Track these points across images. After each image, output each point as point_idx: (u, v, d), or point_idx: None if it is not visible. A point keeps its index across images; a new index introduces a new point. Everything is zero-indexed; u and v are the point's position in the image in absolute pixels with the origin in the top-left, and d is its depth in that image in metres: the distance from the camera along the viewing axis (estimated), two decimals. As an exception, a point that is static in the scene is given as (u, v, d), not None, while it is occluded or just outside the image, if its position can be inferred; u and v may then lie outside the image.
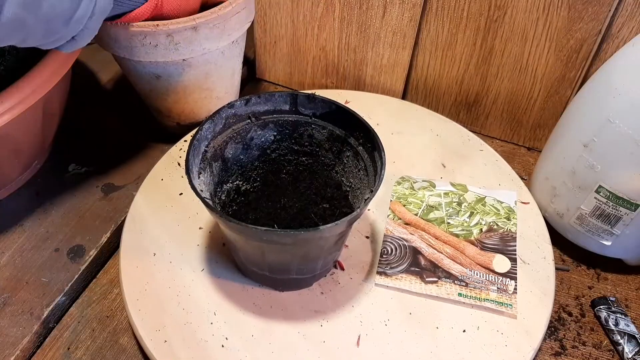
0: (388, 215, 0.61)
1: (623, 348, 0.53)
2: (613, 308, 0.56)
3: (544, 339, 0.54)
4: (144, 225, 0.58)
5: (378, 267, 0.56)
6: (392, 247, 0.57)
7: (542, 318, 0.53)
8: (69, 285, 0.56)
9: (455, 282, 0.54)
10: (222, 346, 0.49)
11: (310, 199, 0.57)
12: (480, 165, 0.67)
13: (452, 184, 0.64)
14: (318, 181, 0.56)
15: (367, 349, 0.49)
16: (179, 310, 0.51)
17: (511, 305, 0.53)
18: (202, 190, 0.48)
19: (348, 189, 0.54)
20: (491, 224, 0.60)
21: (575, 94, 0.64)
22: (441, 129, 0.72)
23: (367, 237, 0.59)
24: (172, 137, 0.69)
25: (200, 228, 0.58)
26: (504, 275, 0.55)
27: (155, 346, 0.48)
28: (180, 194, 0.62)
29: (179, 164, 0.65)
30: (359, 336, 0.50)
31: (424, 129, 0.71)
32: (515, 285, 0.55)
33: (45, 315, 0.53)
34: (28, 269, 0.57)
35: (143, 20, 0.55)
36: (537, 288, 0.55)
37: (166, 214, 0.59)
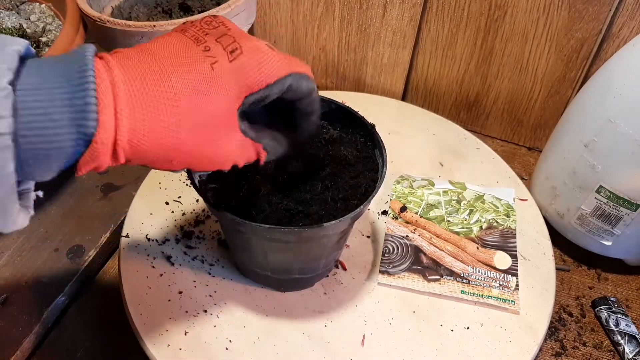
0: (388, 214, 0.61)
1: (624, 348, 0.54)
2: (614, 308, 0.56)
3: (545, 340, 0.54)
4: (143, 229, 0.58)
5: (380, 266, 0.56)
6: (394, 245, 0.57)
7: (544, 314, 0.53)
8: (69, 285, 0.55)
9: (458, 279, 0.54)
10: (227, 349, 0.49)
11: (308, 199, 0.56)
12: (478, 163, 0.68)
13: (451, 182, 0.64)
14: (316, 180, 0.56)
15: (372, 348, 0.49)
16: (182, 314, 0.51)
17: (513, 301, 0.53)
18: (203, 189, 0.47)
19: (347, 187, 0.54)
20: (491, 221, 0.60)
21: (576, 94, 0.65)
22: (437, 128, 0.72)
23: (368, 237, 0.59)
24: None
25: (200, 231, 0.58)
26: (505, 271, 0.56)
27: (159, 350, 0.48)
28: (179, 196, 0.61)
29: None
30: (364, 335, 0.50)
31: (420, 129, 0.72)
32: (517, 282, 0.55)
33: (45, 315, 0.53)
34: (28, 269, 0.56)
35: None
36: (538, 284, 0.55)
37: (165, 217, 0.59)
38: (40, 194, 0.36)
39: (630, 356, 0.53)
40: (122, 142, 0.31)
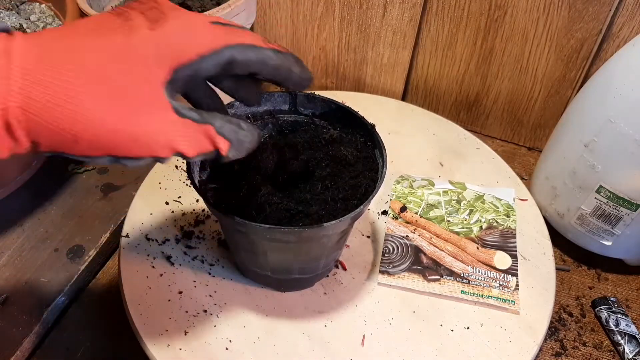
0: (388, 214, 0.61)
1: (624, 348, 0.54)
2: (614, 308, 0.56)
3: (545, 340, 0.54)
4: (143, 229, 0.58)
5: (380, 266, 0.56)
6: (394, 245, 0.57)
7: (544, 314, 0.53)
8: (69, 285, 0.55)
9: (458, 279, 0.55)
10: (227, 349, 0.48)
11: (308, 199, 0.56)
12: (478, 163, 0.68)
13: (451, 182, 0.64)
14: (316, 180, 0.56)
15: (372, 348, 0.49)
16: (182, 314, 0.51)
17: (513, 301, 0.53)
18: (203, 189, 0.47)
19: (347, 187, 0.54)
20: (491, 221, 0.60)
21: (576, 94, 0.65)
22: (437, 128, 0.72)
23: (367, 237, 0.59)
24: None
25: (200, 231, 0.58)
26: (505, 271, 0.56)
27: (159, 350, 0.48)
28: (179, 196, 0.61)
29: (176, 167, 0.64)
30: (364, 335, 0.50)
31: (420, 129, 0.72)
32: (517, 282, 0.55)
33: (45, 315, 0.53)
34: (27, 269, 0.56)
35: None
36: (538, 284, 0.55)
37: (165, 217, 0.59)
38: None
39: (630, 356, 0.53)
40: (14, 111, 0.28)
